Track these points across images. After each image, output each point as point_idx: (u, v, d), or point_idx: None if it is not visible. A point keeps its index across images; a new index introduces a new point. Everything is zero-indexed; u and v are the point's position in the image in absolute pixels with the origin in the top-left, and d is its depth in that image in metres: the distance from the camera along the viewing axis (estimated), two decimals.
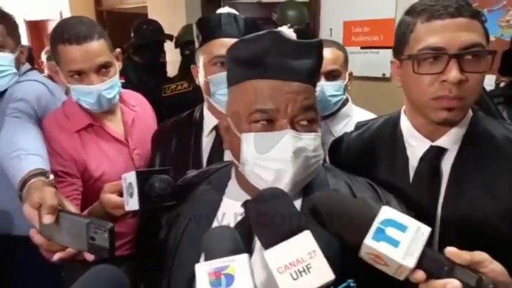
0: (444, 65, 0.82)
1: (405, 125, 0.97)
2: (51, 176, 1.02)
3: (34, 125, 1.27)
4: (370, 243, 0.57)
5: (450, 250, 0.57)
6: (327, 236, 0.62)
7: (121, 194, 0.90)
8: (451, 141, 0.91)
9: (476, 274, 0.55)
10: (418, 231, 0.57)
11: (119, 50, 1.34)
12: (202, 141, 1.25)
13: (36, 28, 5.21)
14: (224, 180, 0.86)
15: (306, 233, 0.58)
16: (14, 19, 1.50)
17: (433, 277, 0.56)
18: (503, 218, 0.84)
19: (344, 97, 1.53)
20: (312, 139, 0.74)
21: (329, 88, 1.44)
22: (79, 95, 1.24)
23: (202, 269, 0.55)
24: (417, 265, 0.56)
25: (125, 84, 1.73)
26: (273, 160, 0.72)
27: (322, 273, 0.55)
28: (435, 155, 0.91)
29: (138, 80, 2.60)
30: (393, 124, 1.01)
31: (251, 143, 0.74)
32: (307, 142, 0.73)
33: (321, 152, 0.77)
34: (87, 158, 1.28)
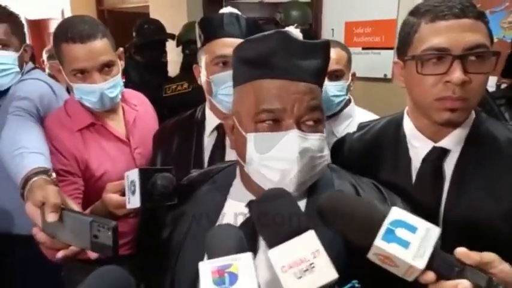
0: (448, 66, 0.81)
1: (408, 126, 0.97)
2: (53, 175, 1.01)
3: (36, 124, 1.27)
4: (380, 244, 0.57)
5: (460, 251, 0.57)
6: (331, 236, 0.62)
7: (123, 194, 0.90)
8: (454, 142, 0.90)
9: (486, 275, 0.55)
10: (428, 232, 0.57)
11: (122, 49, 1.34)
12: (204, 141, 1.24)
13: (37, 27, 5.20)
14: (229, 180, 0.86)
15: (310, 233, 0.58)
16: (19, 18, 1.50)
17: (443, 278, 0.56)
18: (505, 219, 0.84)
19: (347, 98, 1.53)
20: (318, 139, 0.74)
21: (332, 88, 1.44)
22: (81, 94, 1.24)
23: (205, 268, 0.55)
24: (427, 266, 0.55)
25: (126, 83, 1.73)
26: (279, 160, 0.72)
27: (325, 272, 0.55)
28: (438, 156, 0.91)
29: (140, 80, 2.60)
30: (396, 125, 1.01)
31: (257, 143, 0.74)
32: (312, 142, 0.73)
33: (327, 153, 0.77)
34: (88, 157, 1.28)
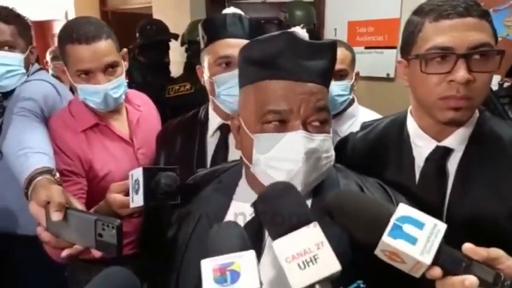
0: (452, 65, 0.81)
1: (411, 126, 0.97)
2: (57, 174, 1.02)
3: (41, 124, 1.28)
4: (387, 240, 0.57)
5: (467, 246, 0.57)
6: (337, 236, 0.62)
7: (127, 194, 0.90)
8: (458, 141, 0.90)
9: (493, 270, 0.55)
10: (435, 227, 0.57)
11: (125, 50, 1.35)
12: (206, 141, 1.24)
13: (41, 28, 5.22)
14: (234, 180, 0.86)
15: (314, 225, 0.58)
16: (26, 20, 1.51)
17: (450, 273, 0.56)
18: (509, 218, 0.84)
19: (350, 97, 1.53)
20: (324, 140, 0.74)
21: (336, 88, 1.44)
22: (85, 95, 1.25)
23: (207, 266, 0.55)
24: (434, 262, 0.56)
25: (129, 84, 1.73)
26: (285, 161, 0.72)
27: (329, 264, 0.55)
28: (441, 155, 0.91)
29: (142, 80, 2.61)
30: (399, 124, 1.01)
31: (263, 144, 0.74)
32: (319, 143, 0.73)
33: (333, 153, 0.77)
34: (92, 157, 1.28)
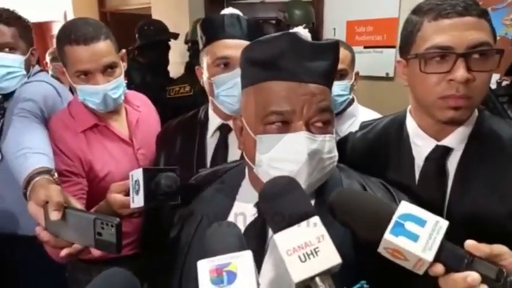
0: (451, 64, 0.81)
1: (411, 125, 0.97)
2: (55, 174, 1.02)
3: (40, 125, 1.28)
4: (389, 237, 0.57)
5: (469, 243, 0.57)
6: (340, 236, 0.62)
7: (127, 194, 0.91)
8: (457, 140, 0.90)
9: (496, 266, 0.55)
10: (437, 224, 0.58)
11: (124, 51, 1.35)
12: (206, 141, 1.24)
13: (40, 29, 5.22)
14: (237, 180, 0.86)
15: (315, 218, 0.58)
16: (27, 22, 1.52)
17: (452, 270, 0.56)
18: (509, 217, 0.84)
19: (350, 97, 1.53)
20: (327, 141, 0.74)
21: (335, 87, 1.44)
22: (85, 95, 1.25)
23: (203, 266, 0.55)
24: (436, 258, 0.56)
25: (128, 84, 1.73)
26: (288, 161, 0.72)
27: (329, 256, 0.56)
28: (441, 155, 0.91)
29: (141, 81, 2.61)
30: (399, 124, 1.01)
31: (266, 145, 0.73)
32: (321, 144, 0.73)
33: (336, 154, 0.77)
34: (92, 158, 1.28)
